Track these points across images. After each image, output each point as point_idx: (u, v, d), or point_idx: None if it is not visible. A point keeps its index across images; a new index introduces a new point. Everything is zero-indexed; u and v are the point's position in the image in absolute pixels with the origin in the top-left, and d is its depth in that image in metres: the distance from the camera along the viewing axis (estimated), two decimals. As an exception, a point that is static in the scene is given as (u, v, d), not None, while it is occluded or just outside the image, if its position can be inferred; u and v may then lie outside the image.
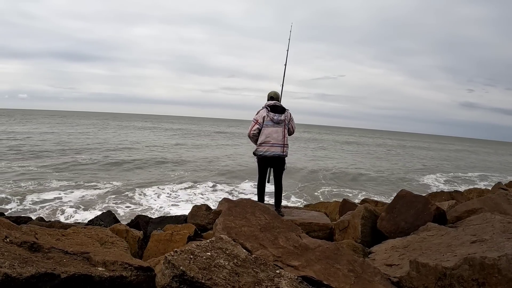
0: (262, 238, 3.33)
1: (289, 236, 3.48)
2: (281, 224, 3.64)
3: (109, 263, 3.06)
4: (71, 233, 4.13)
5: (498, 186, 9.94)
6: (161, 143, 28.38)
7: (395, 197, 5.69)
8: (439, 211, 5.37)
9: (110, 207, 13.82)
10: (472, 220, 5.01)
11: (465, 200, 8.62)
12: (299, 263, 3.19)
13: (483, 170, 39.34)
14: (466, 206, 6.03)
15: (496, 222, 4.52)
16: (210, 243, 2.84)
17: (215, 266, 2.67)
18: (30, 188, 15.65)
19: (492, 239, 3.89)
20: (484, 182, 29.30)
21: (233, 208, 3.68)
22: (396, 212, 5.43)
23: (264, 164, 6.45)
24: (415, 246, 4.24)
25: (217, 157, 26.47)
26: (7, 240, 3.01)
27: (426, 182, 26.52)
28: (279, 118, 6.31)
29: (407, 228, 5.19)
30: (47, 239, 3.55)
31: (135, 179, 19.42)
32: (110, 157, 24.72)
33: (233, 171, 21.65)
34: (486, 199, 6.21)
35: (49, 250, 3.13)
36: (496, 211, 5.43)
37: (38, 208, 12.97)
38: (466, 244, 3.97)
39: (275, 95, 6.66)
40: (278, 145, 6.29)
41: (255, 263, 2.88)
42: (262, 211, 3.74)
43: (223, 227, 3.34)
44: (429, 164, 41.06)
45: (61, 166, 21.12)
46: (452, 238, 4.24)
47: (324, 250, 3.45)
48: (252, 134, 6.40)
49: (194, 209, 8.36)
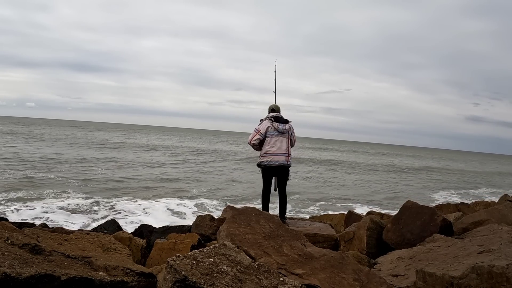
0: (266, 246, 3.28)
1: (293, 244, 3.43)
2: (285, 232, 3.60)
3: (110, 268, 3.02)
4: (73, 238, 4.11)
5: (505, 198, 9.83)
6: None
7: (401, 208, 5.62)
8: (446, 222, 5.29)
9: (113, 216, 13.81)
10: (479, 231, 4.95)
11: (472, 212, 8.52)
12: (303, 271, 3.14)
13: (491, 186, 38.93)
14: (472, 217, 5.96)
15: (504, 233, 4.46)
16: (213, 249, 2.80)
17: (218, 272, 2.63)
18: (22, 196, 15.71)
19: (500, 249, 3.83)
20: (492, 197, 29.05)
21: (238, 215, 3.64)
22: (402, 223, 5.36)
23: (269, 174, 6.42)
24: (421, 256, 4.18)
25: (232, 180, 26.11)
26: (8, 242, 2.99)
27: (435, 198, 26.28)
28: (284, 127, 6.37)
29: (413, 239, 5.12)
30: (49, 242, 3.53)
31: (139, 190, 19.39)
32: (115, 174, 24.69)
33: (242, 194, 21.43)
34: (493, 210, 6.14)
35: (50, 253, 3.10)
36: (503, 222, 5.36)
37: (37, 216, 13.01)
38: (473, 254, 3.90)
39: (276, 107, 6.76)
40: (283, 155, 6.30)
41: (258, 270, 2.83)
42: (267, 219, 3.70)
43: (227, 234, 3.30)
44: (437, 180, 40.70)
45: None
46: (459, 249, 4.17)
47: (329, 259, 3.40)
48: (252, 144, 6.44)
49: (198, 219, 8.31)
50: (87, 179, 21.44)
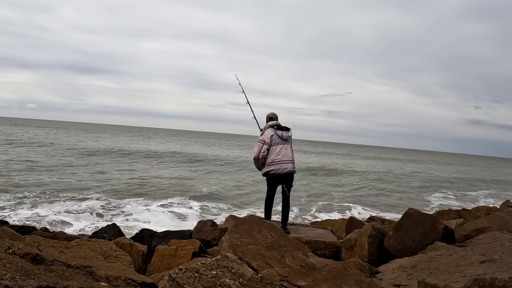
0: (268, 257, 3.27)
1: (295, 255, 3.42)
2: (287, 242, 3.59)
3: (112, 278, 3.02)
4: (74, 245, 4.10)
5: (506, 204, 9.83)
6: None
7: (403, 215, 5.61)
8: (447, 230, 5.29)
9: (115, 220, 13.80)
10: (481, 239, 4.93)
11: (473, 218, 8.50)
12: (305, 283, 3.13)
13: (492, 188, 38.90)
14: (474, 224, 5.95)
15: (505, 241, 4.45)
16: (216, 261, 2.79)
17: (220, 285, 2.62)
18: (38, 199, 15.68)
19: (502, 259, 3.82)
20: (489, 199, 29.06)
21: (240, 225, 3.63)
22: (404, 231, 5.35)
23: (276, 182, 6.37)
24: (423, 265, 4.17)
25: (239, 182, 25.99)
26: (10, 251, 2.98)
27: (433, 200, 26.29)
28: (287, 134, 6.38)
29: (414, 247, 5.11)
30: (50, 251, 3.52)
31: (140, 193, 19.39)
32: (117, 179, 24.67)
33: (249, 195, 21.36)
34: (494, 217, 6.13)
35: (51, 263, 3.10)
36: (504, 230, 5.35)
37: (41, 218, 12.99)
38: (475, 264, 3.90)
39: (274, 116, 6.72)
40: (289, 161, 6.30)
41: (261, 282, 2.82)
42: (269, 228, 3.69)
43: (229, 245, 3.29)
44: (437, 181, 40.69)
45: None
46: (460, 258, 4.16)
47: (331, 270, 3.38)
48: (261, 156, 6.28)
49: (199, 224, 8.30)
50: (90, 181, 21.48)
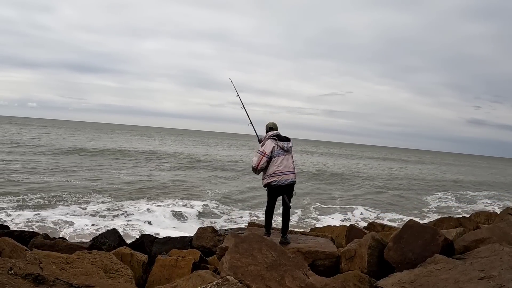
0: (268, 278, 3.28)
1: (295, 275, 3.44)
2: (287, 261, 3.60)
3: (113, 297, 3.04)
4: (75, 259, 4.12)
5: (506, 212, 9.83)
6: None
7: (403, 227, 5.62)
8: (447, 241, 5.30)
9: (116, 220, 13.87)
10: (480, 252, 4.94)
11: (473, 225, 8.51)
12: (305, 302, 3.15)
13: (492, 189, 38.95)
14: (474, 235, 5.95)
15: (505, 254, 4.47)
16: (217, 286, 2.81)
17: (221, 308, 2.64)
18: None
19: (500, 275, 3.85)
20: (487, 200, 29.18)
21: (240, 244, 3.64)
22: (404, 243, 5.35)
23: (277, 193, 6.37)
24: (422, 280, 4.18)
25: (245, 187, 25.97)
26: (11, 272, 3.01)
27: (433, 200, 26.35)
28: (288, 145, 6.36)
29: (414, 259, 5.12)
30: (51, 268, 3.54)
31: (141, 193, 19.42)
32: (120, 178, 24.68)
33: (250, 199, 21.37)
34: (494, 228, 6.13)
35: (53, 283, 3.12)
36: (504, 241, 5.36)
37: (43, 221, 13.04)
38: (474, 280, 3.91)
39: (274, 126, 6.65)
40: (291, 172, 6.30)
41: (260, 304, 2.84)
42: (269, 246, 3.71)
43: (229, 267, 3.31)
44: (437, 181, 40.75)
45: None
46: (459, 273, 4.18)
47: (331, 288, 3.41)
48: (260, 167, 6.29)
49: (199, 231, 8.33)
50: (91, 181, 21.54)
